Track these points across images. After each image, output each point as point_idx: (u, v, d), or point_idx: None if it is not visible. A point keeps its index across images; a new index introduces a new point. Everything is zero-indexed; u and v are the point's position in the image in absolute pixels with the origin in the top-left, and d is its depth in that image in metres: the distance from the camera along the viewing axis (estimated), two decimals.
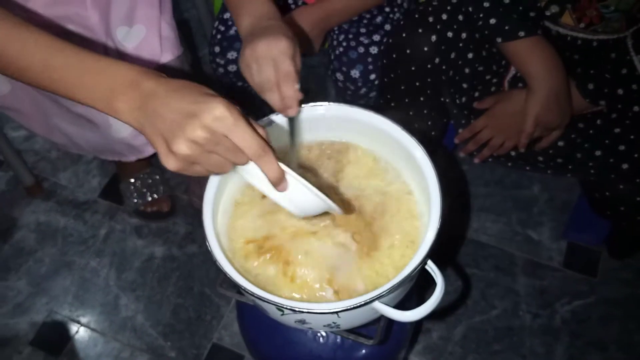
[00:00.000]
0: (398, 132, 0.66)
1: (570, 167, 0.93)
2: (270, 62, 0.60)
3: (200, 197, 0.64)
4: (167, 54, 0.97)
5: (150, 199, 1.27)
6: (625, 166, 0.86)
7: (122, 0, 0.94)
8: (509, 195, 1.32)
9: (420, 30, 0.89)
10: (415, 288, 0.81)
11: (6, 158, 1.28)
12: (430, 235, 0.58)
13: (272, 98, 0.62)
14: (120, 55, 0.93)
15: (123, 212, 1.31)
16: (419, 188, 0.67)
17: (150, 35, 0.94)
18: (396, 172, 0.70)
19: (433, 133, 1.02)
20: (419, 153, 0.65)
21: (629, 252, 1.20)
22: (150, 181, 1.27)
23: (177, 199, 1.32)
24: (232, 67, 1.04)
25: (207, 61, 1.53)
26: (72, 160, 1.40)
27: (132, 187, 1.27)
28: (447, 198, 0.61)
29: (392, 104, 1.00)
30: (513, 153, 0.95)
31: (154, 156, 1.18)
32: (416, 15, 0.91)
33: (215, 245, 0.60)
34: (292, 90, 0.61)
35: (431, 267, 0.59)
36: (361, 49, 0.99)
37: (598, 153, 0.89)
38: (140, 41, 0.94)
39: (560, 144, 0.91)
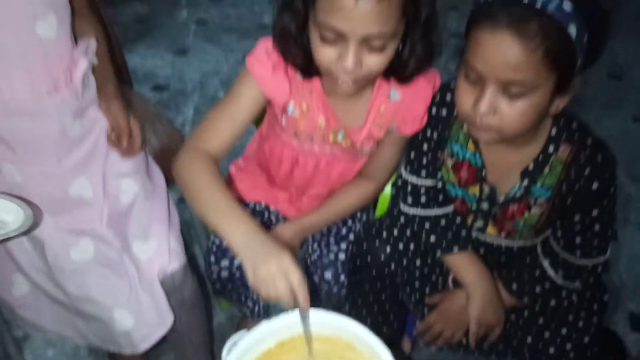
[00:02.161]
0: (367, 334, 0.80)
1: (509, 351, 1.11)
2: (282, 277, 0.75)
3: None
4: (174, 263, 1.14)
5: None
6: (552, 350, 1.04)
7: (139, 219, 1.13)
8: None
9: (377, 243, 1.12)
10: None
11: (8, 355, 1.37)
12: None
13: (289, 306, 0.76)
14: (135, 266, 1.10)
15: None
16: None
17: (161, 249, 1.12)
18: None
19: (395, 324, 1.20)
20: (385, 355, 0.79)
21: None
22: None
23: None
24: (224, 273, 1.22)
25: (195, 260, 1.73)
26: (67, 357, 1.49)
27: None
28: None
29: (360, 301, 1.18)
30: (463, 341, 1.13)
31: (150, 351, 1.30)
32: (373, 231, 1.14)
33: None
34: (306, 293, 0.76)
35: None
36: (332, 256, 1.20)
37: (529, 340, 1.07)
38: (153, 254, 1.12)
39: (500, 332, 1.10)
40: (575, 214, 0.99)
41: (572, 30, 0.79)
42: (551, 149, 0.96)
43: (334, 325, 0.85)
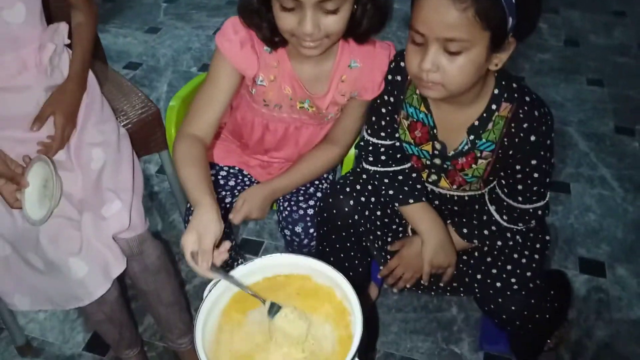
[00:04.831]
0: (332, 272, 0.91)
1: (461, 289, 1.24)
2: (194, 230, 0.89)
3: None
4: (132, 232, 1.20)
5: None
6: (498, 284, 1.17)
7: (106, 185, 1.18)
8: (433, 317, 1.61)
9: (341, 197, 1.22)
10: None
11: (4, 320, 1.45)
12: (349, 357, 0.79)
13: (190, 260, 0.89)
14: (94, 222, 1.15)
15: None
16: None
17: (122, 212, 1.17)
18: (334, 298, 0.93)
19: (360, 269, 1.32)
20: (347, 287, 0.89)
21: (532, 356, 1.47)
22: None
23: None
24: None
25: (175, 225, 1.82)
26: (58, 319, 1.59)
27: None
28: (377, 322, 0.84)
29: (327, 250, 1.30)
30: (422, 283, 1.26)
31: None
32: (338, 186, 1.25)
33: None
34: (205, 264, 0.88)
35: None
36: (301, 211, 1.30)
37: (479, 276, 1.20)
38: (113, 214, 1.16)
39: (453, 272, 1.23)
40: (516, 164, 1.10)
41: None
42: (494, 107, 1.08)
43: (298, 265, 0.95)
